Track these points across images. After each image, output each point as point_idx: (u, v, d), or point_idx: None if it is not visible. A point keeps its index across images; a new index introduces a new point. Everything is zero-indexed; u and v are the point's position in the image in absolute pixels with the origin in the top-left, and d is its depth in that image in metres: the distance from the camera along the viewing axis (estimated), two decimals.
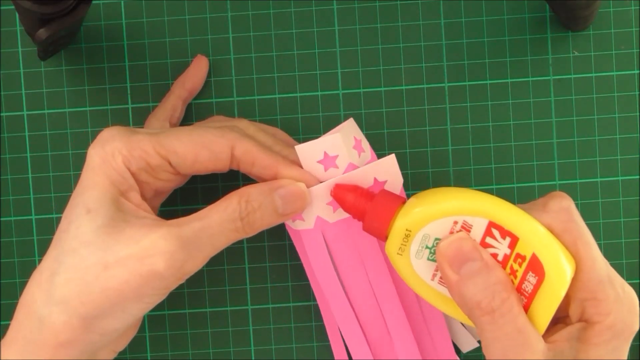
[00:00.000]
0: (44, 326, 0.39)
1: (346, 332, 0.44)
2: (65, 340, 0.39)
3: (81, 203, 0.40)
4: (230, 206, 0.40)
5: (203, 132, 0.42)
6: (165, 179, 0.42)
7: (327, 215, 0.43)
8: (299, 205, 0.42)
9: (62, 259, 0.39)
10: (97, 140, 0.41)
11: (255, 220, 0.41)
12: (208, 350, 0.49)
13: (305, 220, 0.43)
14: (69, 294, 0.39)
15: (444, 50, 0.48)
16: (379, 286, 0.44)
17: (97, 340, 0.40)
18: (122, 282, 0.38)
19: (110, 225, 0.39)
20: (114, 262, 0.39)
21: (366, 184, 0.42)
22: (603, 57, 0.48)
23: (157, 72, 0.48)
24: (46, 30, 0.41)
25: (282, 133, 0.47)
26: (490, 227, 0.39)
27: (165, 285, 0.39)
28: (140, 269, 0.38)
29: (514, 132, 0.48)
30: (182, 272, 0.39)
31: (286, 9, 0.48)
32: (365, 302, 0.44)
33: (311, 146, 0.42)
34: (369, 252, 0.44)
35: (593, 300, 0.38)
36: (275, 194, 0.41)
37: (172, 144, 0.41)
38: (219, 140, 0.41)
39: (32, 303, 0.40)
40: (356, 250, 0.44)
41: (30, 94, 0.48)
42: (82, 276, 0.39)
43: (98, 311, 0.39)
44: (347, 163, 0.42)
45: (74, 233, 0.39)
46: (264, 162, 0.42)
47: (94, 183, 0.40)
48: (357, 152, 0.43)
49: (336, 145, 0.42)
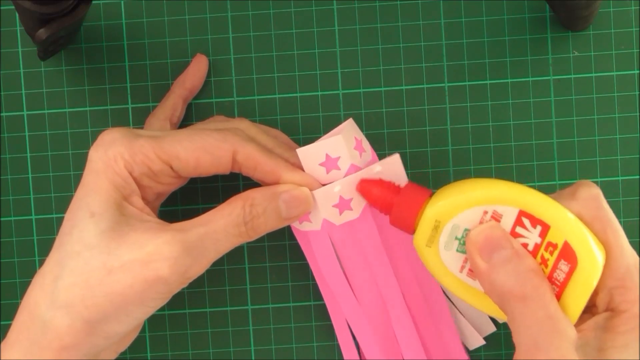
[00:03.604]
0: (47, 329, 0.39)
1: (358, 332, 0.45)
2: (68, 344, 0.39)
3: (85, 206, 0.40)
4: (235, 211, 0.41)
5: (205, 136, 0.42)
6: (167, 182, 0.42)
7: (333, 217, 0.43)
8: (303, 209, 0.42)
9: (66, 262, 0.39)
10: (99, 143, 0.41)
11: (260, 225, 0.41)
12: (208, 350, 0.49)
13: (312, 222, 0.43)
14: (73, 297, 0.39)
15: (444, 50, 0.48)
16: (385, 288, 0.44)
17: (101, 344, 0.40)
18: (126, 286, 0.39)
19: (114, 229, 0.39)
20: (118, 267, 0.39)
21: None
22: (603, 57, 0.48)
23: (157, 72, 0.48)
24: (46, 30, 0.41)
25: (283, 135, 0.47)
26: (521, 216, 0.39)
27: (169, 290, 0.40)
28: (144, 274, 0.39)
29: (514, 132, 0.48)
30: (186, 276, 0.40)
31: (286, 9, 0.48)
32: (372, 304, 0.44)
33: (312, 149, 0.42)
34: (374, 255, 0.44)
35: (621, 288, 0.38)
36: (279, 199, 0.41)
37: (174, 148, 0.41)
38: (221, 144, 0.41)
39: (35, 306, 0.40)
40: (362, 253, 0.44)
41: (30, 94, 0.48)
42: (85, 280, 0.39)
43: (102, 315, 0.39)
44: (349, 164, 0.42)
45: (77, 236, 0.39)
46: (266, 167, 0.42)
47: (97, 187, 0.40)
48: (359, 153, 0.43)
49: (338, 147, 0.42)
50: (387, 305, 0.44)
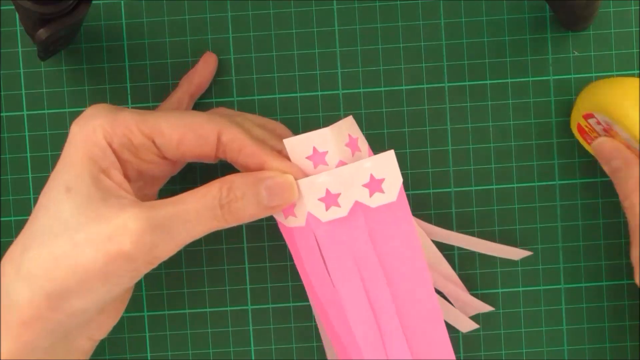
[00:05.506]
0: (10, 302, 0.38)
1: (344, 337, 0.43)
2: (28, 318, 0.38)
3: (61, 180, 0.39)
4: (210, 193, 0.39)
5: (191, 115, 0.41)
6: (150, 160, 0.41)
7: (318, 212, 0.41)
8: (286, 197, 0.40)
9: (36, 235, 0.39)
10: (80, 116, 0.40)
11: (238, 209, 0.40)
12: (208, 350, 0.49)
13: (297, 217, 0.42)
14: (36, 269, 0.38)
15: (444, 50, 0.48)
16: (374, 291, 0.43)
17: (65, 321, 0.39)
18: (90, 260, 0.38)
19: (88, 203, 0.38)
20: (83, 240, 0.38)
21: (361, 181, 0.41)
22: (603, 57, 0.48)
23: (157, 72, 0.48)
24: (46, 30, 0.41)
25: (281, 127, 0.46)
26: None
27: (134, 268, 0.38)
28: (107, 248, 0.37)
29: (514, 132, 0.48)
30: (153, 255, 0.38)
31: (286, 9, 0.48)
32: (359, 309, 0.43)
33: (299, 140, 0.41)
34: (363, 258, 0.42)
35: None
36: (260, 184, 0.40)
37: (157, 123, 0.40)
38: (207, 124, 0.40)
39: (3, 277, 0.39)
40: (349, 254, 0.42)
41: (30, 94, 0.48)
42: (51, 252, 0.38)
43: (64, 289, 0.38)
44: (337, 160, 0.41)
45: (52, 210, 0.39)
46: (250, 150, 0.41)
47: (74, 160, 0.39)
48: (351, 151, 0.42)
49: (325, 141, 0.41)
50: (374, 307, 0.43)
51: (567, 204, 0.48)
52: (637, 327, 0.49)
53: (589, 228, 0.48)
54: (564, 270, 0.49)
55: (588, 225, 0.48)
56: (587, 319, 0.49)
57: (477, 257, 0.49)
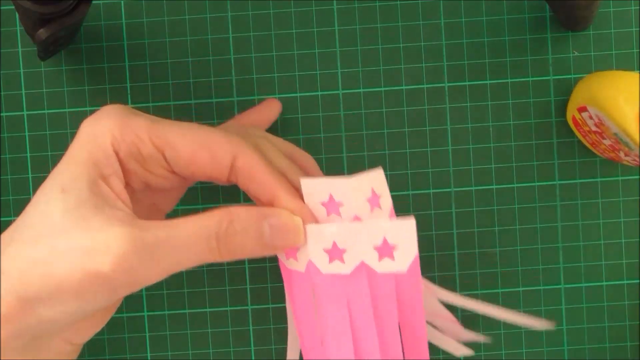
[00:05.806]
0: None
1: None
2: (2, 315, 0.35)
3: (58, 180, 0.37)
4: (210, 223, 0.36)
5: (209, 132, 0.38)
6: (157, 173, 0.39)
7: (320, 263, 0.38)
8: (290, 240, 0.38)
9: (22, 230, 0.36)
10: (93, 115, 0.38)
11: (235, 244, 0.37)
12: (208, 350, 0.49)
13: (298, 261, 0.39)
14: (12, 269, 0.35)
15: (444, 50, 0.48)
16: (364, 354, 0.39)
17: (35, 326, 0.36)
18: (64, 273, 0.35)
19: (79, 208, 0.36)
20: (63, 249, 0.35)
21: (372, 242, 0.38)
22: (603, 57, 0.48)
23: (157, 72, 0.48)
24: (46, 30, 0.41)
25: (310, 160, 0.43)
26: None
27: (112, 289, 0.35)
28: (84, 265, 0.35)
29: (514, 132, 0.48)
30: (134, 279, 0.35)
31: (286, 9, 0.48)
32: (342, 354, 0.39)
33: (317, 183, 0.38)
34: (362, 317, 0.39)
35: None
36: (264, 221, 0.37)
37: (171, 136, 0.38)
38: (223, 144, 0.38)
39: None
40: (346, 312, 0.38)
41: (30, 94, 0.48)
42: (29, 254, 0.35)
43: (34, 295, 0.35)
44: (352, 215, 0.38)
45: (42, 208, 0.36)
46: (263, 179, 0.38)
47: (76, 160, 0.37)
48: (370, 207, 0.38)
49: (344, 192, 0.38)
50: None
51: (567, 204, 0.48)
52: (637, 327, 0.49)
53: (589, 228, 0.49)
54: (564, 270, 0.49)
55: (588, 225, 0.48)
56: (587, 319, 0.49)
57: (477, 257, 0.49)
